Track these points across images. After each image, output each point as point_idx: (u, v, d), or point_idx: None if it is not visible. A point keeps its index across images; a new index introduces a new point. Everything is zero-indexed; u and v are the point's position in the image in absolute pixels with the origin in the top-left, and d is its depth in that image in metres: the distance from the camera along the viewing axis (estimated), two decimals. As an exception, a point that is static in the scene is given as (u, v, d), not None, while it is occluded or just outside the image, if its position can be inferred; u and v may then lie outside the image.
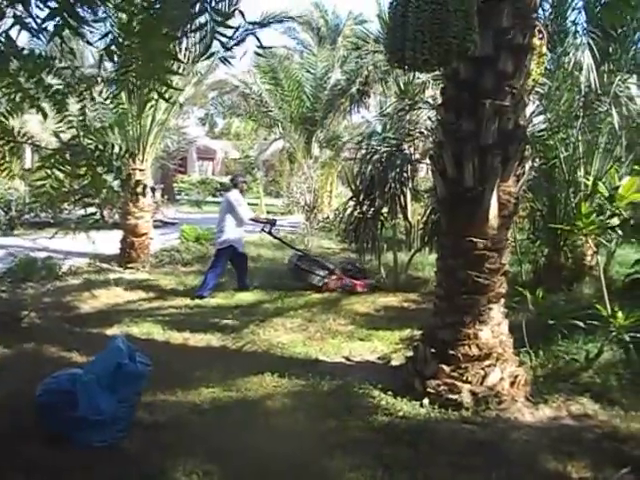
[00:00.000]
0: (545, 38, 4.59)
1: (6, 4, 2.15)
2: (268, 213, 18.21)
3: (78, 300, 7.13)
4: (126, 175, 2.71)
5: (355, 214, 7.64)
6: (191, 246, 11.00)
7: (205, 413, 3.92)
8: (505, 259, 4.26)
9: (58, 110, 2.59)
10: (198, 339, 5.70)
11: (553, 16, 6.93)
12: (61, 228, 3.61)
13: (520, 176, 4.22)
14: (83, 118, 2.68)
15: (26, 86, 2.49)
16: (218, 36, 2.12)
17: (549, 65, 6.53)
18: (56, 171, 2.46)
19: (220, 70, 13.54)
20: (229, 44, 2.40)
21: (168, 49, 2.19)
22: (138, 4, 2.08)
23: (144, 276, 8.91)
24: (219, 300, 7.45)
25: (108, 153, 2.57)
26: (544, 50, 4.63)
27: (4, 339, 5.13)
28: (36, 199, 2.78)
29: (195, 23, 2.22)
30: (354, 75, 14.20)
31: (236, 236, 7.71)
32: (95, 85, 2.64)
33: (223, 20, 2.07)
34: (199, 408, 3.99)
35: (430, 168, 4.82)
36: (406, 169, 7.56)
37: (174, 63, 2.55)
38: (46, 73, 2.44)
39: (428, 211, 7.54)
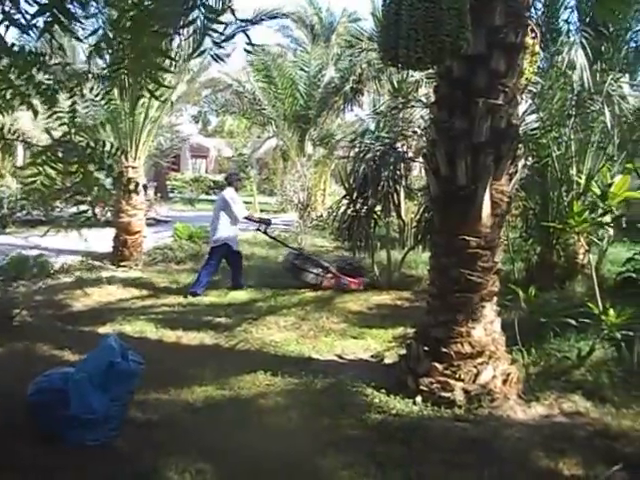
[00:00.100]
0: (538, 37, 4.60)
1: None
2: (262, 211, 18.22)
3: (70, 298, 7.09)
4: (118, 173, 2.69)
5: (348, 212, 7.64)
6: (184, 244, 10.97)
7: (198, 411, 3.91)
8: (498, 257, 4.28)
9: (49, 107, 2.57)
10: (191, 337, 5.69)
11: (545, 15, 6.96)
12: (53, 226, 3.59)
13: (513, 174, 4.23)
14: (74, 115, 2.66)
15: (17, 83, 2.47)
16: (209, 33, 2.11)
17: (542, 64, 6.56)
18: (47, 168, 2.44)
19: (213, 68, 13.53)
20: (221, 41, 2.38)
21: (159, 46, 2.18)
22: (128, 0, 2.06)
23: (137, 274, 8.88)
24: (212, 298, 7.43)
25: (99, 151, 2.55)
26: (537, 49, 4.65)
27: (-5, 337, 5.11)
28: (27, 196, 2.75)
29: (186, 20, 2.21)
30: (348, 73, 14.18)
31: (230, 234, 7.70)
32: (86, 81, 2.62)
33: (214, 17, 2.05)
34: (192, 406, 3.98)
35: (423, 166, 4.83)
36: (399, 167, 7.57)
37: (165, 60, 2.54)
38: (37, 70, 2.42)
39: (421, 209, 7.54)
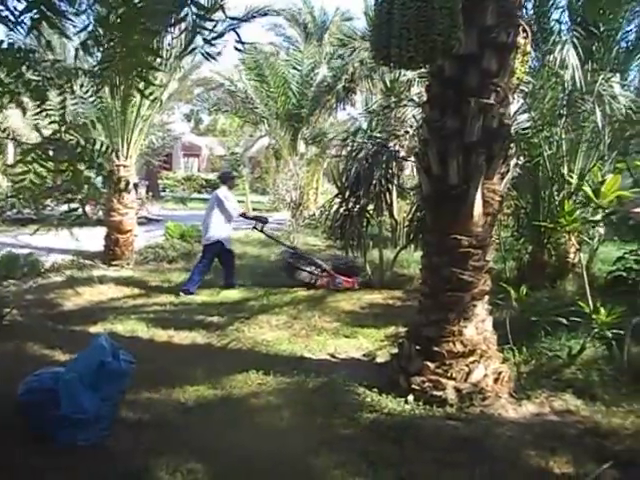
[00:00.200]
0: (529, 36, 4.61)
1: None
2: (254, 210, 18.17)
3: (61, 297, 7.06)
4: (108, 172, 2.67)
5: (341, 211, 7.63)
6: (176, 243, 10.93)
7: (189, 411, 3.90)
8: (489, 256, 4.29)
9: (39, 105, 2.55)
10: (183, 337, 5.67)
11: (536, 14, 6.99)
12: (43, 224, 3.57)
13: (504, 174, 4.24)
14: (63, 112, 2.64)
15: (6, 81, 2.45)
16: (199, 31, 2.10)
17: (533, 63, 6.58)
18: (36, 166, 2.42)
19: (205, 66, 13.47)
20: (211, 39, 2.37)
21: (149, 44, 2.16)
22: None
23: (128, 273, 8.85)
24: (204, 297, 7.42)
25: (90, 149, 2.54)
26: (528, 48, 4.66)
27: (-15, 337, 5.07)
28: (18, 195, 2.73)
29: (177, 17, 2.19)
30: (340, 72, 14.18)
31: (223, 232, 7.69)
32: (76, 79, 2.60)
33: (205, 14, 2.04)
34: (183, 406, 3.97)
35: (415, 165, 4.83)
36: (392, 166, 7.57)
37: (155, 59, 2.52)
38: (26, 68, 2.40)
39: (414, 208, 7.55)
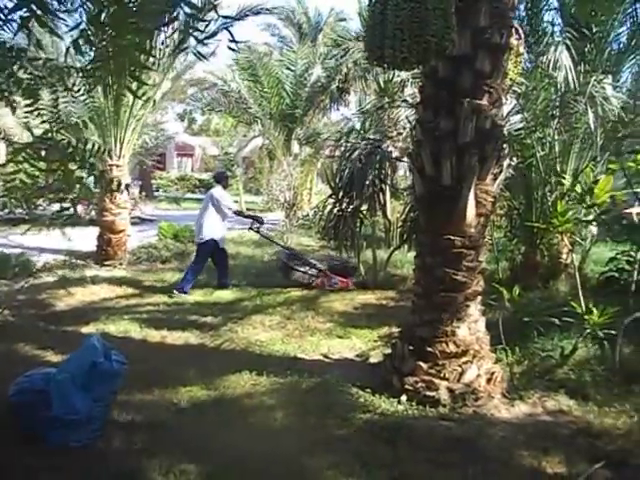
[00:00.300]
0: (522, 38, 4.63)
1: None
2: (248, 210, 18.14)
3: (53, 298, 7.02)
4: (100, 172, 2.66)
5: (334, 211, 7.64)
6: (169, 243, 10.90)
7: (182, 412, 3.89)
8: (482, 257, 4.30)
9: (31, 104, 2.53)
10: (176, 337, 5.65)
11: (528, 16, 7.02)
12: (35, 224, 3.55)
13: (497, 175, 4.25)
14: (58, 111, 2.62)
15: (-3, 79, 2.43)
16: (192, 31, 2.09)
17: (526, 65, 6.61)
18: (27, 166, 2.40)
19: (199, 66, 13.44)
20: (203, 38, 2.36)
21: (141, 43, 2.14)
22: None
23: (121, 273, 8.81)
24: (198, 297, 7.40)
25: (81, 149, 2.52)
26: (521, 50, 4.67)
27: (-24, 338, 5.04)
28: (10, 194, 2.71)
29: (170, 16, 2.18)
30: (334, 72, 14.18)
31: (217, 231, 7.67)
32: (68, 77, 2.58)
33: (197, 14, 2.03)
34: (176, 407, 3.96)
35: (409, 166, 4.84)
36: (385, 167, 7.58)
37: (148, 58, 2.51)
38: (18, 67, 2.38)
39: (407, 209, 7.56)
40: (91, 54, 2.35)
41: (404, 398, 4.05)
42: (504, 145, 4.38)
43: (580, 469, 3.21)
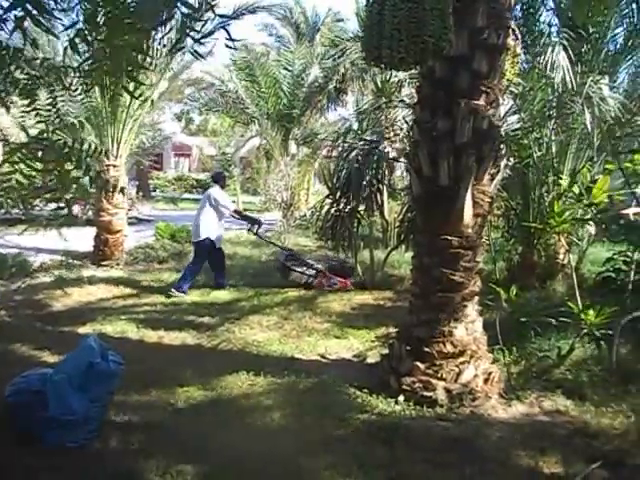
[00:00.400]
0: (519, 38, 4.64)
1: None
2: (245, 210, 18.11)
3: (50, 298, 7.01)
4: (96, 173, 2.65)
5: (332, 212, 7.63)
6: (166, 243, 10.89)
7: (179, 412, 3.88)
8: (479, 257, 4.31)
9: (28, 104, 2.52)
10: (173, 337, 5.65)
11: (523, 17, 7.02)
12: (31, 224, 3.54)
13: (494, 175, 4.26)
14: (57, 111, 2.61)
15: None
16: (189, 31, 2.08)
17: (522, 65, 6.61)
18: (22, 166, 2.39)
19: (196, 66, 13.40)
20: (199, 37, 2.35)
21: (137, 43, 2.13)
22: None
23: (118, 274, 8.79)
24: (195, 298, 7.39)
25: (77, 149, 2.51)
26: (518, 50, 4.68)
27: (-28, 338, 5.03)
28: (5, 194, 2.69)
29: (167, 15, 2.17)
30: (331, 72, 14.19)
31: (214, 231, 7.67)
32: (65, 76, 2.57)
33: (192, 13, 2.02)
34: (173, 407, 3.95)
35: (406, 166, 4.84)
36: (383, 167, 7.58)
37: (145, 58, 2.50)
38: (14, 67, 2.37)
39: (404, 209, 7.57)
40: (88, 54, 2.33)
41: (401, 398, 4.05)
42: (501, 145, 4.39)
43: (577, 469, 3.22)
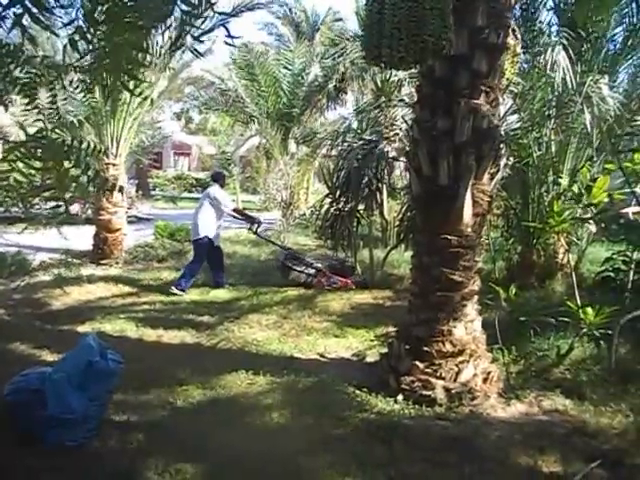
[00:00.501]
0: (519, 38, 4.63)
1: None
2: (244, 209, 18.11)
3: (49, 296, 7.00)
4: (95, 171, 2.64)
5: (331, 211, 7.62)
6: (165, 242, 10.90)
7: (178, 411, 3.88)
8: (479, 256, 4.31)
9: (28, 102, 2.51)
10: (172, 336, 5.64)
11: (523, 17, 7.02)
12: (31, 223, 3.54)
13: (494, 174, 4.26)
14: (56, 108, 2.60)
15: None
16: (187, 27, 2.07)
17: (522, 65, 6.61)
18: (20, 164, 2.38)
19: (196, 65, 13.41)
20: (199, 35, 2.34)
21: (136, 41, 2.13)
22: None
23: (117, 272, 8.79)
24: (194, 296, 7.39)
25: (76, 148, 2.50)
26: (518, 49, 4.68)
27: (-29, 337, 5.02)
28: (4, 193, 2.69)
29: (167, 13, 2.17)
30: (331, 72, 14.17)
31: (212, 229, 7.67)
32: (65, 75, 2.56)
33: (192, 10, 2.02)
34: (172, 406, 3.95)
35: (405, 166, 4.84)
36: (382, 166, 7.58)
37: (145, 56, 2.50)
38: (14, 66, 2.36)
39: (404, 208, 7.56)
40: (87, 51, 2.33)
41: (400, 397, 4.06)
42: (501, 145, 4.38)
43: (576, 468, 3.22)
